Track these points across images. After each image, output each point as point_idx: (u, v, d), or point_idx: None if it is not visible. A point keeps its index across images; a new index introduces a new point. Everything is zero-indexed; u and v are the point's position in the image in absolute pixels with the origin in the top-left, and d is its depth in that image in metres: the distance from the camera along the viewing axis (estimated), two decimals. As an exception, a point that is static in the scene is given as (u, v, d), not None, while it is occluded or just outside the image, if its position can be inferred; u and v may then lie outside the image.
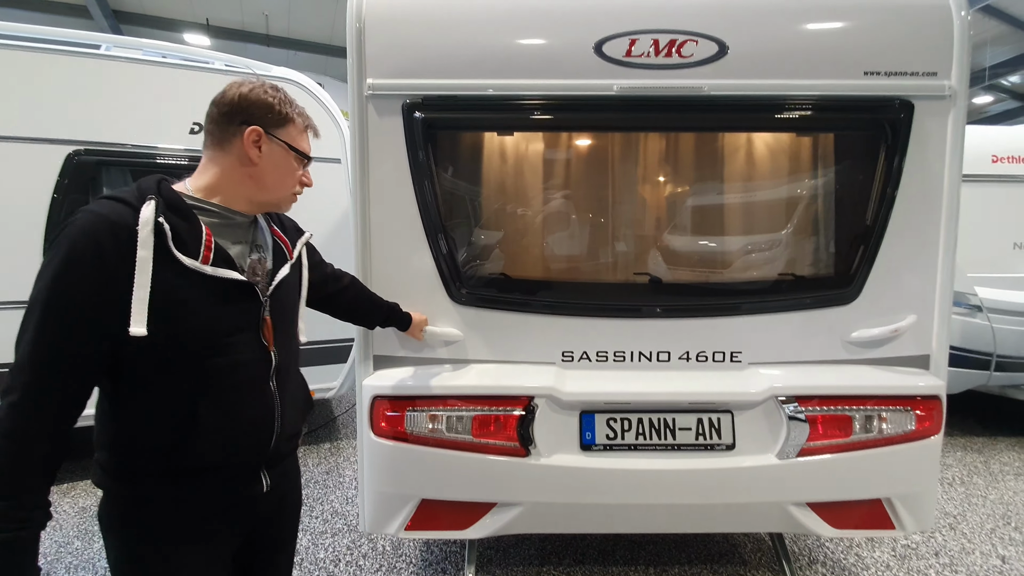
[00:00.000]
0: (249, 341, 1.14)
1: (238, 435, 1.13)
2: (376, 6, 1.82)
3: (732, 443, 1.87)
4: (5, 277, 2.93)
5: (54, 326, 0.96)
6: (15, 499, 0.94)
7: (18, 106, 2.93)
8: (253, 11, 11.99)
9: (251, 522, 1.22)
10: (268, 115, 1.15)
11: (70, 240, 0.97)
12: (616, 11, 1.80)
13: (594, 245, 2.06)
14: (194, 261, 1.04)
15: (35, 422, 0.96)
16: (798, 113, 1.86)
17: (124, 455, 1.07)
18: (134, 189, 1.05)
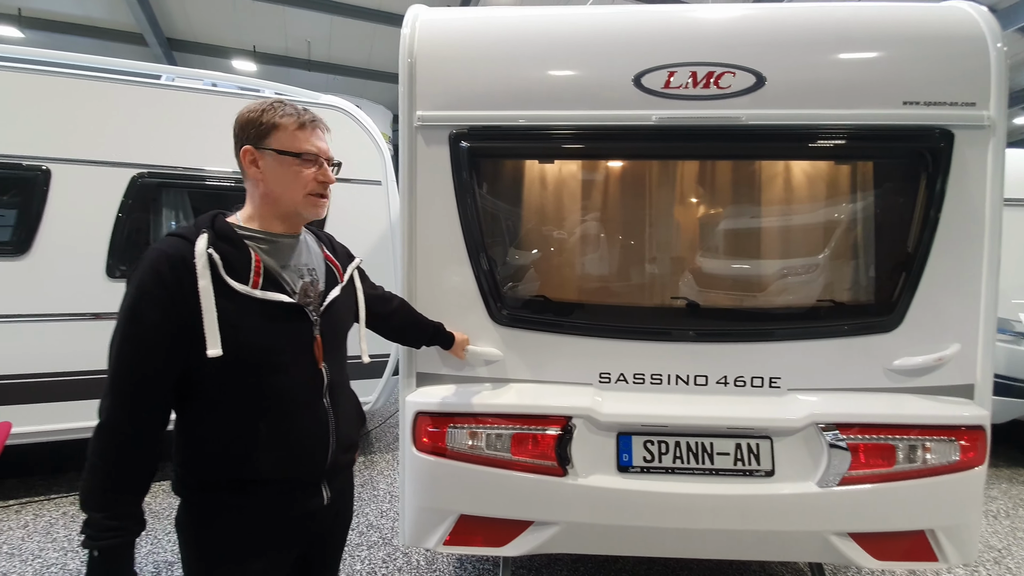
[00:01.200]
0: (301, 360, 1.22)
1: (294, 449, 1.19)
2: (426, 44, 1.93)
3: (771, 469, 1.86)
4: (75, 290, 3.14)
5: (130, 354, 1.07)
6: (108, 511, 1.04)
7: (90, 132, 3.17)
8: (296, 38, 12.56)
9: (309, 535, 1.28)
10: (252, 130, 1.21)
11: (139, 276, 1.09)
12: (655, 45, 1.87)
13: (632, 269, 2.10)
14: (244, 286, 1.13)
15: (120, 441, 1.07)
16: (836, 142, 1.89)
17: (193, 467, 1.16)
18: (192, 225, 1.18)
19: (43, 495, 3.38)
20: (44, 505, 3.26)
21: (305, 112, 1.23)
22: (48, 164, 3.06)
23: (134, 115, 3.29)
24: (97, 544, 1.02)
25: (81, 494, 1.06)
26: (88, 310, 3.16)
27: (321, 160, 1.23)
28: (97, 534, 1.03)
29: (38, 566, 2.66)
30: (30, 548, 2.81)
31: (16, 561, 2.69)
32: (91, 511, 1.04)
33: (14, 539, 2.89)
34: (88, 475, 1.05)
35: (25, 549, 2.80)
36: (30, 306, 3.05)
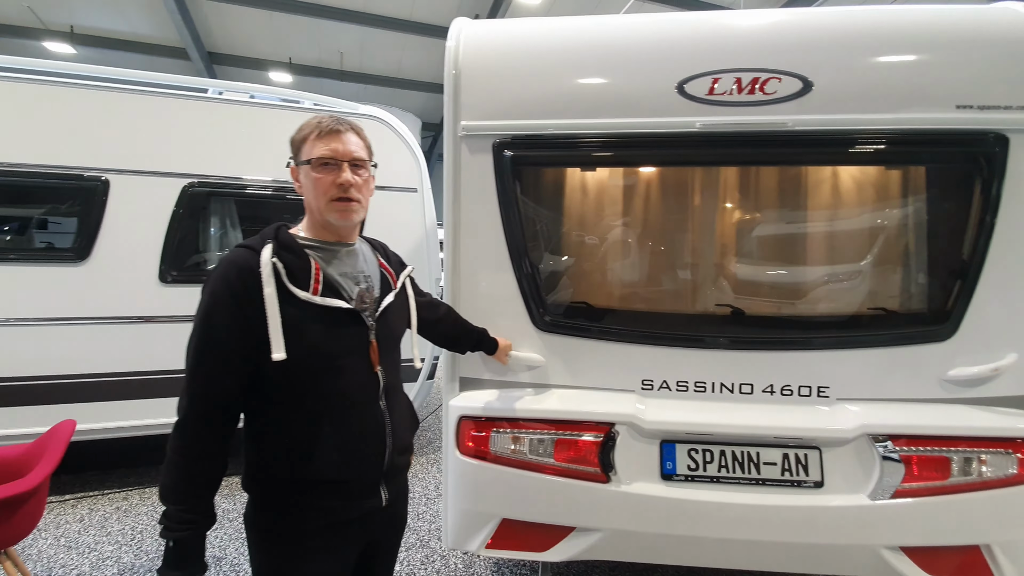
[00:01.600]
0: (358, 363, 1.26)
1: (354, 450, 1.23)
2: (470, 55, 1.97)
3: (820, 480, 1.83)
4: (130, 295, 3.29)
5: (204, 358, 1.14)
6: (185, 505, 1.10)
7: (145, 144, 3.33)
8: (330, 49, 12.89)
9: (368, 535, 1.31)
10: (293, 149, 1.27)
11: (212, 285, 1.16)
12: (698, 52, 1.88)
13: (674, 276, 2.10)
14: (305, 292, 1.18)
15: (196, 438, 1.13)
16: (886, 147, 1.86)
17: (261, 465, 1.21)
18: (258, 236, 1.23)
19: (97, 490, 3.54)
20: (98, 500, 3.41)
21: (328, 120, 1.23)
22: (107, 175, 3.22)
23: (184, 127, 3.44)
24: (173, 535, 1.09)
25: (160, 487, 1.12)
26: (142, 313, 3.31)
27: (340, 163, 1.21)
28: (174, 526, 1.09)
29: (94, 559, 2.78)
30: (86, 541, 2.94)
31: (73, 554, 2.82)
32: (169, 504, 1.10)
33: (71, 532, 3.03)
34: (167, 469, 1.12)
35: (81, 542, 2.93)
36: (89, 309, 3.21)
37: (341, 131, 1.23)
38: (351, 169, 1.23)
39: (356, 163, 1.24)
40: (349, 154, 1.23)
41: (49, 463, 2.07)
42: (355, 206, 1.25)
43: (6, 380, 3.10)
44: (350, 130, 1.26)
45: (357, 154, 1.25)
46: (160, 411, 3.40)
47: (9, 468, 2.29)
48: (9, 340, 3.09)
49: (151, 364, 3.36)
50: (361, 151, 1.26)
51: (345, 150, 1.22)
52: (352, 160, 1.23)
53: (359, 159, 1.25)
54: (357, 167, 1.25)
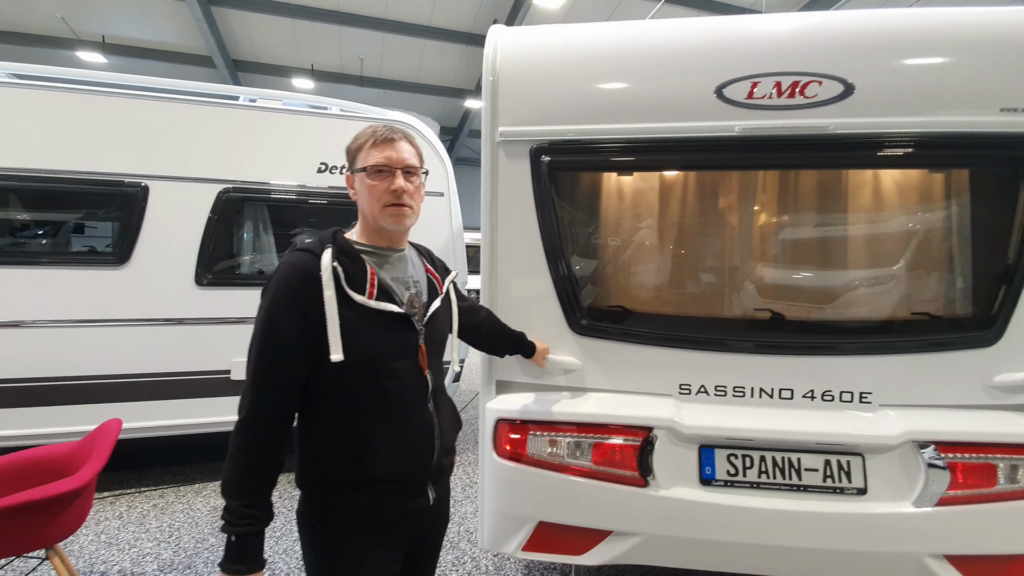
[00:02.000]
0: (409, 366, 1.29)
1: (405, 451, 1.26)
2: (507, 62, 2.00)
3: (863, 487, 1.80)
4: (168, 297, 3.38)
5: (266, 358, 1.18)
6: (246, 500, 1.14)
7: (182, 150, 3.42)
8: (350, 55, 13.08)
9: (416, 533, 1.34)
10: (349, 158, 1.32)
11: (274, 288, 1.19)
12: (737, 56, 1.87)
13: (712, 279, 2.09)
14: (362, 296, 1.22)
15: (259, 433, 1.17)
16: (929, 150, 1.83)
17: (315, 463, 1.25)
18: (317, 240, 1.26)
19: (133, 488, 3.63)
20: (135, 497, 3.50)
21: (383, 129, 1.27)
22: (146, 181, 3.32)
23: (218, 134, 3.53)
24: (235, 530, 1.12)
25: (223, 482, 1.16)
26: (179, 316, 3.40)
27: (394, 170, 1.24)
28: (236, 520, 1.12)
29: (134, 555, 2.85)
30: (126, 538, 3.02)
31: (114, 550, 2.90)
32: (231, 499, 1.14)
33: (111, 529, 3.11)
34: (230, 465, 1.15)
35: (121, 539, 3.01)
36: (129, 311, 3.30)
37: (395, 139, 1.27)
38: (404, 176, 1.26)
39: (408, 170, 1.28)
40: (402, 161, 1.26)
41: (98, 461, 2.14)
42: (407, 211, 1.28)
43: (48, 380, 3.21)
44: (403, 138, 1.29)
45: (410, 161, 1.28)
46: (196, 411, 3.48)
47: (56, 466, 2.37)
48: (52, 341, 3.19)
49: (187, 365, 3.44)
50: (413, 158, 1.30)
51: (398, 158, 1.26)
52: (405, 167, 1.27)
53: (411, 166, 1.28)
54: (409, 174, 1.28)
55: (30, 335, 3.16)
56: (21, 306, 3.15)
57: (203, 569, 2.73)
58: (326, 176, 3.73)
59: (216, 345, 3.51)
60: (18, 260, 3.21)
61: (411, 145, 1.31)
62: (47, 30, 11.26)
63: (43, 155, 3.17)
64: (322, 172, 3.71)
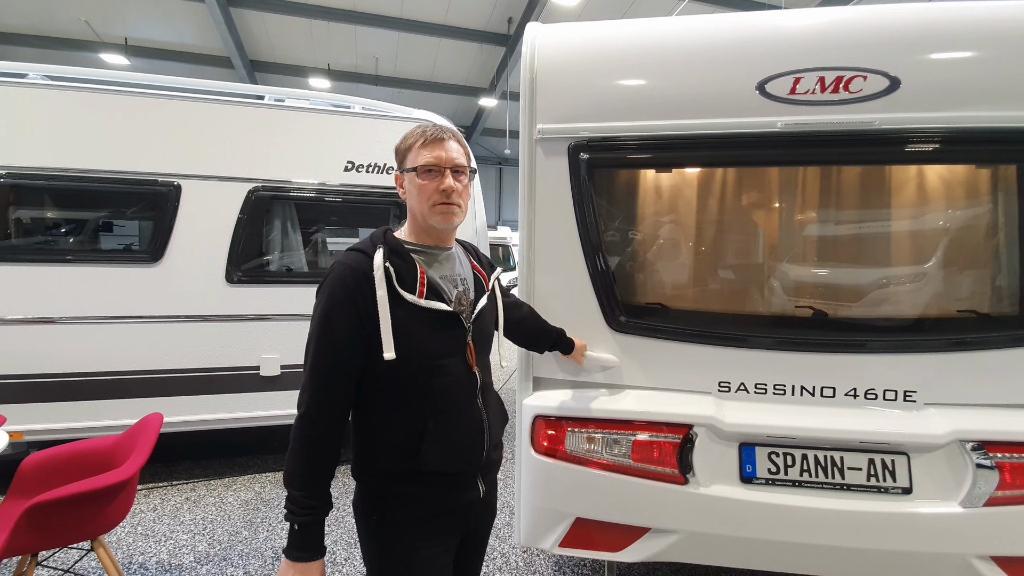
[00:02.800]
0: (458, 363, 1.31)
1: (457, 445, 1.28)
2: (545, 59, 2.00)
3: (909, 487, 1.78)
4: (200, 295, 3.43)
5: (324, 355, 1.20)
6: (307, 491, 1.17)
7: (213, 150, 3.47)
8: (365, 55, 13.16)
9: (467, 525, 1.36)
10: (398, 157, 1.32)
11: (330, 288, 1.22)
12: (779, 51, 1.86)
13: (752, 276, 2.08)
14: (412, 295, 1.23)
15: (318, 427, 1.19)
16: (977, 145, 1.80)
17: (368, 456, 1.27)
18: (368, 240, 1.28)
19: (165, 481, 3.69)
20: (168, 490, 3.56)
21: (432, 129, 1.27)
22: (179, 180, 3.37)
23: (248, 134, 3.57)
24: (297, 519, 1.15)
25: (285, 473, 1.19)
26: (210, 313, 3.45)
27: (443, 170, 1.24)
28: (298, 510, 1.15)
29: (170, 547, 2.91)
30: (161, 530, 3.07)
31: (151, 541, 2.96)
32: (293, 489, 1.17)
33: (146, 521, 3.17)
34: (291, 457, 1.19)
35: (157, 531, 3.06)
36: (162, 308, 3.36)
37: (444, 139, 1.27)
38: (452, 175, 1.27)
39: (457, 169, 1.28)
40: (451, 161, 1.26)
41: (142, 454, 2.18)
42: (456, 209, 1.28)
43: (84, 375, 3.27)
44: (452, 137, 1.29)
45: (458, 160, 1.28)
46: (226, 407, 3.53)
47: (99, 459, 2.42)
48: (88, 337, 3.26)
49: (217, 361, 3.49)
50: (461, 157, 1.30)
51: (448, 157, 1.26)
52: (454, 167, 1.27)
53: (460, 165, 1.29)
54: (458, 173, 1.28)
55: (68, 331, 3.23)
56: (59, 303, 3.22)
57: (238, 561, 2.78)
58: (352, 175, 3.76)
59: (245, 342, 3.56)
60: (56, 258, 3.28)
61: (459, 144, 1.31)
62: (71, 33, 11.48)
63: (79, 155, 3.23)
64: (348, 171, 3.74)
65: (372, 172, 3.78)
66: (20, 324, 3.15)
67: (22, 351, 3.16)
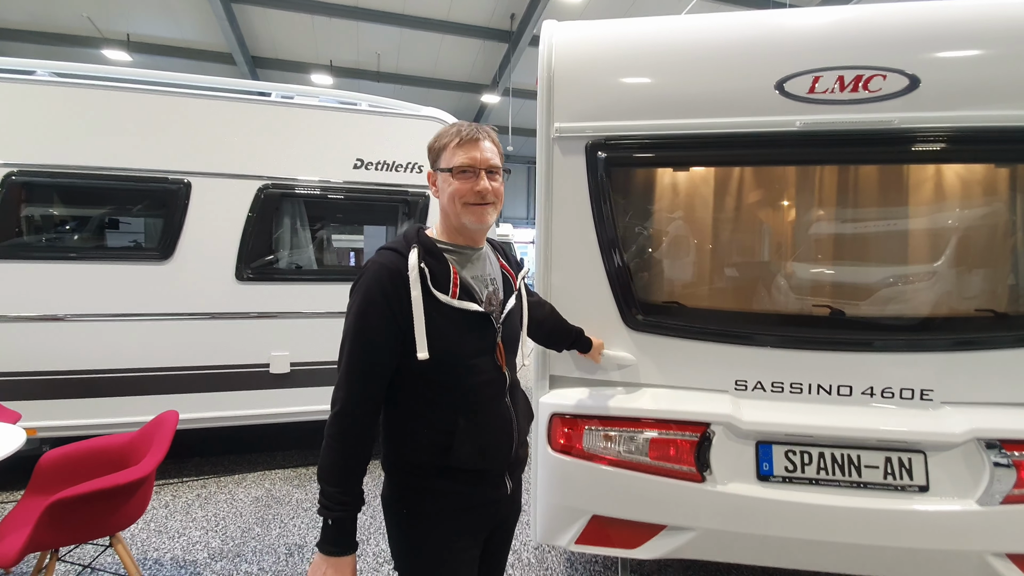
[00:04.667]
0: (488, 363, 1.31)
1: (488, 442, 1.30)
2: (563, 58, 2.00)
3: (925, 485, 1.79)
4: (210, 292, 3.44)
5: (359, 352, 1.21)
6: (342, 487, 1.18)
7: (223, 147, 3.46)
8: (367, 51, 13.11)
9: (495, 520, 1.38)
10: (431, 156, 1.32)
11: (365, 287, 1.22)
12: (799, 50, 1.86)
13: (769, 275, 2.08)
14: (445, 296, 1.24)
15: (353, 424, 1.20)
16: (997, 144, 1.80)
17: (400, 451, 1.28)
18: (401, 239, 1.28)
19: (176, 478, 3.71)
20: (179, 487, 3.57)
21: (467, 127, 1.27)
22: (189, 177, 3.37)
23: (257, 131, 3.56)
24: (331, 515, 1.17)
25: (320, 469, 1.20)
26: (220, 310, 3.46)
27: (478, 170, 1.25)
28: (333, 505, 1.16)
29: (184, 543, 2.92)
30: (174, 527, 3.09)
31: (164, 538, 2.97)
32: (328, 485, 1.18)
33: (159, 517, 3.18)
34: (325, 453, 1.19)
35: (170, 527, 3.08)
36: (173, 305, 3.37)
37: (480, 139, 1.27)
38: (487, 176, 1.27)
39: (492, 170, 1.28)
40: (486, 161, 1.26)
41: (159, 451, 2.19)
42: (490, 209, 1.29)
43: (95, 372, 3.28)
44: (487, 137, 1.29)
45: (493, 161, 1.28)
46: (236, 404, 3.54)
47: (115, 457, 2.43)
48: (99, 334, 3.27)
49: (227, 359, 3.50)
50: (496, 158, 1.30)
51: (483, 158, 1.26)
52: (489, 167, 1.27)
53: (495, 166, 1.29)
54: (493, 173, 1.29)
55: (80, 328, 3.24)
56: (71, 300, 3.22)
57: (252, 557, 2.79)
58: (361, 172, 3.75)
59: (255, 339, 3.56)
60: (67, 256, 3.28)
61: (494, 144, 1.31)
62: (73, 29, 11.44)
63: (89, 152, 3.23)
64: (357, 168, 3.73)
65: (381, 170, 3.78)
66: (32, 321, 3.16)
67: (34, 348, 3.17)
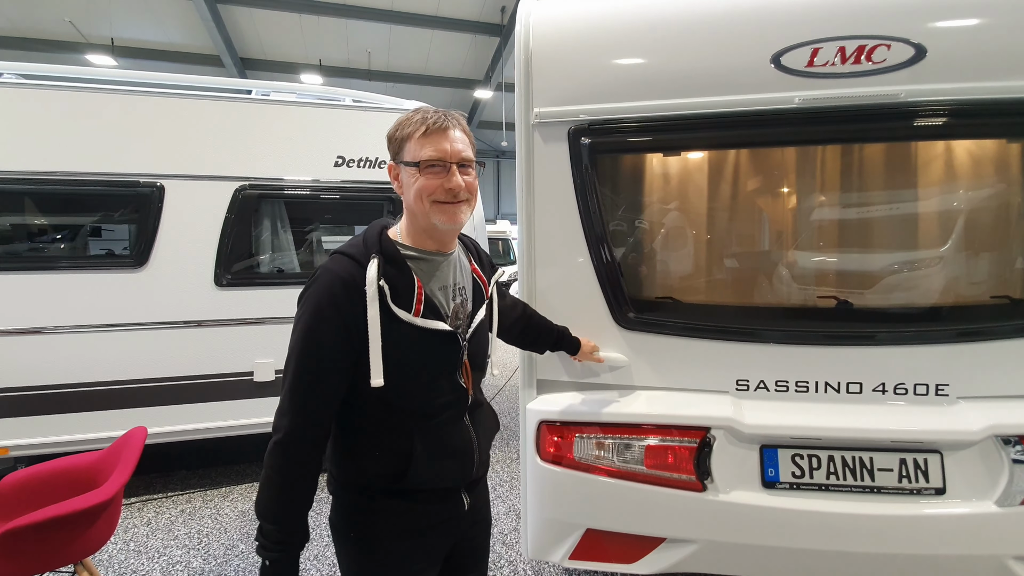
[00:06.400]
0: (449, 382, 1.20)
1: (444, 465, 1.19)
2: (541, 38, 1.85)
3: (942, 487, 1.66)
4: (187, 299, 3.30)
5: (306, 373, 1.07)
6: (280, 524, 1.06)
7: (197, 148, 3.32)
8: (357, 49, 12.96)
9: (454, 537, 1.28)
10: (392, 146, 1.16)
11: (316, 298, 1.07)
12: (795, 20, 1.71)
13: (769, 265, 1.94)
14: (407, 314, 1.10)
15: (296, 456, 1.07)
16: (1010, 118, 1.66)
17: (349, 471, 1.18)
18: (360, 243, 1.13)
19: (160, 493, 3.58)
20: (163, 503, 3.45)
21: (434, 115, 1.12)
22: (162, 181, 3.23)
23: (233, 130, 3.42)
24: (268, 555, 1.06)
25: (257, 504, 1.08)
26: (199, 318, 3.32)
27: (449, 164, 1.10)
28: (271, 544, 1.05)
29: (164, 563, 2.79)
30: (155, 546, 2.96)
31: (144, 558, 2.84)
32: (266, 522, 1.06)
33: (139, 536, 3.05)
34: (265, 487, 1.07)
35: (150, 547, 2.95)
36: (149, 314, 3.23)
37: (449, 127, 1.11)
38: (459, 171, 1.12)
39: (464, 163, 1.13)
40: (457, 154, 1.11)
41: (124, 472, 2.06)
42: (463, 207, 1.14)
43: (70, 386, 3.15)
44: (456, 126, 1.14)
45: (465, 153, 1.13)
46: (219, 414, 3.41)
47: (83, 477, 2.30)
48: (73, 347, 3.13)
49: (209, 368, 3.37)
50: (468, 149, 1.15)
51: (453, 150, 1.11)
52: (460, 161, 1.12)
53: (467, 159, 1.14)
54: (465, 167, 1.14)
55: (51, 341, 3.10)
56: (42, 312, 3.08)
57: (234, 577, 2.66)
58: (343, 170, 3.61)
59: (238, 346, 3.43)
60: (37, 266, 3.14)
61: (464, 132, 1.16)
62: (56, 34, 11.29)
63: (55, 157, 3.08)
64: (339, 166, 3.59)
65: (363, 167, 3.64)
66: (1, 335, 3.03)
67: (2, 363, 3.04)
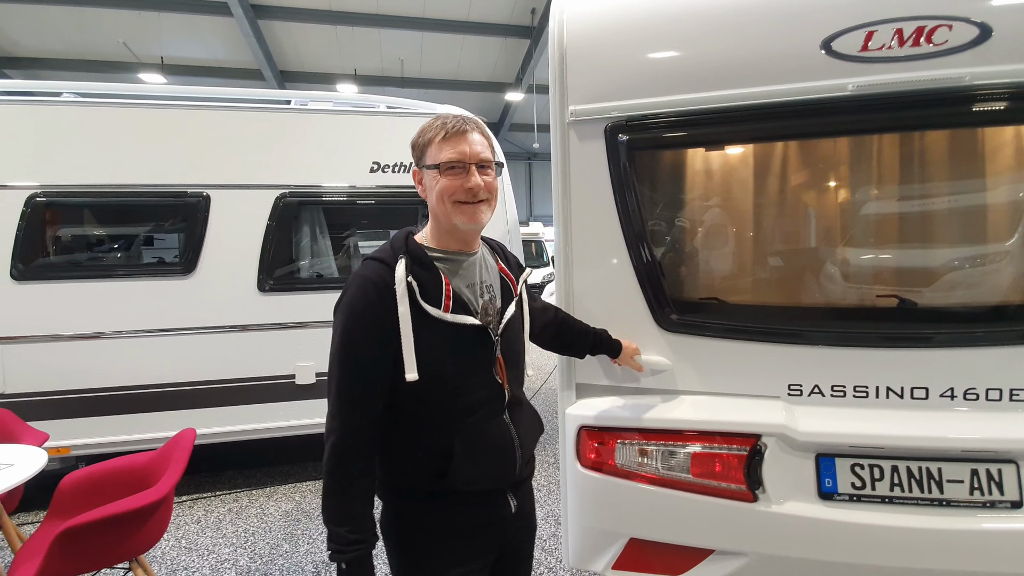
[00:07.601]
0: (485, 379, 1.21)
1: (486, 463, 1.20)
2: (576, 34, 1.81)
3: (1018, 500, 1.53)
4: (233, 305, 3.40)
5: (350, 376, 1.10)
6: (349, 525, 1.07)
7: (240, 157, 3.43)
8: (391, 57, 13.20)
9: (502, 540, 1.27)
10: (416, 152, 1.21)
11: (350, 302, 1.11)
12: (847, 2, 1.61)
13: (824, 263, 1.83)
14: (437, 310, 1.13)
15: (350, 455, 1.10)
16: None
17: (393, 474, 1.20)
18: (388, 248, 1.17)
19: (209, 492, 3.70)
20: (211, 501, 3.56)
21: (452, 120, 1.16)
22: (208, 190, 3.35)
23: (274, 139, 3.52)
24: (344, 557, 1.07)
25: (325, 512, 1.10)
26: (244, 322, 3.42)
27: (468, 165, 1.14)
28: (343, 548, 1.07)
29: (213, 561, 2.88)
30: (204, 543, 3.06)
31: (194, 556, 2.94)
32: (335, 526, 1.08)
33: (190, 534, 3.16)
34: (328, 492, 1.10)
35: (200, 544, 3.05)
36: (197, 319, 3.35)
37: (467, 131, 1.16)
38: (478, 171, 1.15)
39: (483, 164, 1.17)
40: (476, 156, 1.16)
41: (175, 472, 2.12)
42: (483, 207, 1.18)
43: (125, 389, 3.29)
44: (475, 129, 1.18)
45: (483, 155, 1.17)
46: (263, 416, 3.50)
47: (136, 476, 2.39)
48: (128, 351, 3.28)
49: (253, 371, 3.46)
50: (486, 151, 1.19)
51: (472, 151, 1.15)
52: (479, 162, 1.16)
53: (486, 160, 1.18)
54: (484, 168, 1.17)
55: (108, 346, 3.26)
56: (100, 318, 3.24)
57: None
58: (378, 175, 3.67)
59: (280, 350, 3.52)
60: (96, 274, 3.30)
61: (483, 136, 1.20)
62: (111, 55, 11.96)
63: (108, 171, 3.24)
64: (374, 172, 3.65)
65: (398, 172, 3.68)
66: (60, 340, 3.19)
67: (63, 367, 3.21)
